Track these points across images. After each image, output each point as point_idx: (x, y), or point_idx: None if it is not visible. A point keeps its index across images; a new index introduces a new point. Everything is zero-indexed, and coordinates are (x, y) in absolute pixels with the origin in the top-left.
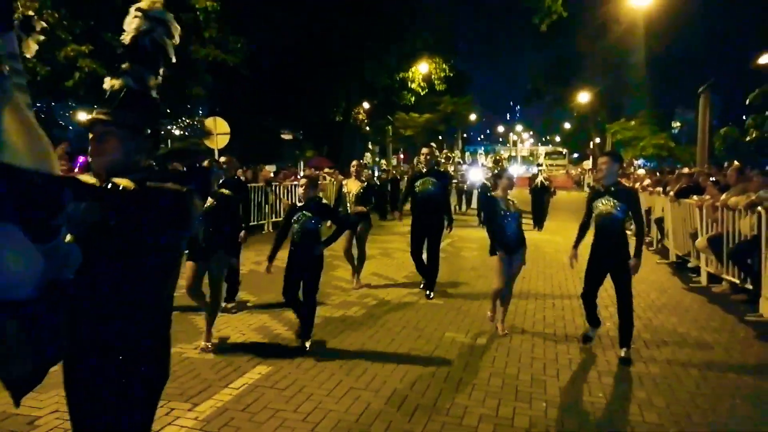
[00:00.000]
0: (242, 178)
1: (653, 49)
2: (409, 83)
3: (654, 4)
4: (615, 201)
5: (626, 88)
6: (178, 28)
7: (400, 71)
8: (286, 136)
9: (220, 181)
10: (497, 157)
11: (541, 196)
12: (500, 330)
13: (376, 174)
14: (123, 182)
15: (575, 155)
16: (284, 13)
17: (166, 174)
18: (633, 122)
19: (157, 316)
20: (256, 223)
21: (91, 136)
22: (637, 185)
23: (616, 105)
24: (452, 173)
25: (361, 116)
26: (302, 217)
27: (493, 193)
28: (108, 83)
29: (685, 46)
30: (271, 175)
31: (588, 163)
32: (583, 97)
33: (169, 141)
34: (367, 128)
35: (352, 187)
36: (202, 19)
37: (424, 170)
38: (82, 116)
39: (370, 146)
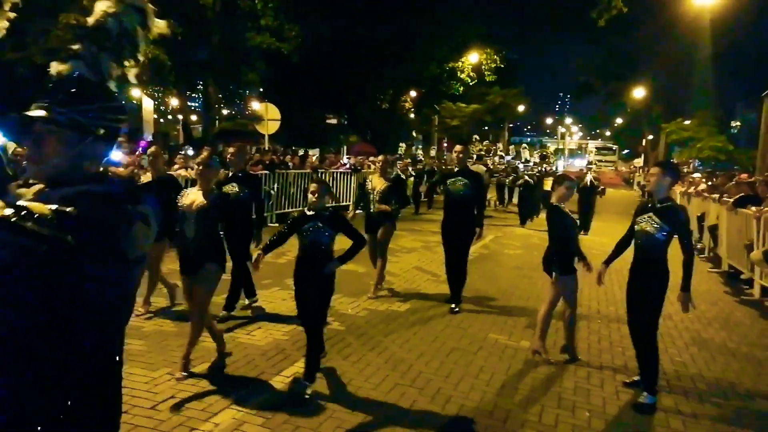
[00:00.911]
0: (290, 164)
1: (717, 44)
2: (458, 73)
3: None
4: (658, 221)
5: (685, 85)
6: (161, 25)
7: (449, 61)
8: (331, 121)
9: (229, 176)
10: (544, 152)
11: (590, 195)
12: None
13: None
14: (35, 207)
15: (626, 151)
16: (339, 1)
17: (117, 186)
18: (690, 122)
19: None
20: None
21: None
22: (691, 189)
23: (673, 102)
24: (493, 166)
25: (407, 105)
26: (314, 228)
27: (555, 202)
28: (54, 68)
29: (752, 41)
30: (315, 160)
31: (639, 161)
32: (638, 93)
33: (217, 121)
34: (413, 116)
35: (377, 184)
36: (259, 8)
37: (456, 169)
38: (135, 93)
39: (414, 134)
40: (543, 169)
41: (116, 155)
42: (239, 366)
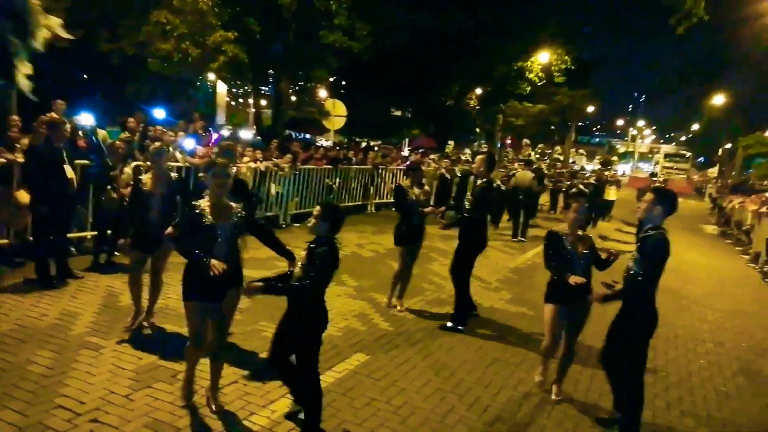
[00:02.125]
0: (353, 159)
1: None
2: (527, 73)
3: None
4: (637, 254)
5: None
6: (54, 23)
7: (518, 60)
8: (395, 113)
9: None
10: (605, 158)
11: None
12: (554, 394)
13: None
14: None
15: (700, 159)
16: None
17: None
18: None
19: None
20: (360, 202)
21: None
22: (764, 209)
23: (755, 113)
24: (550, 171)
25: (472, 102)
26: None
27: (559, 230)
28: None
29: None
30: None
31: (713, 171)
32: (718, 100)
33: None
34: (477, 114)
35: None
36: (334, 9)
37: (478, 181)
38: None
39: (477, 131)
40: (605, 176)
41: (190, 144)
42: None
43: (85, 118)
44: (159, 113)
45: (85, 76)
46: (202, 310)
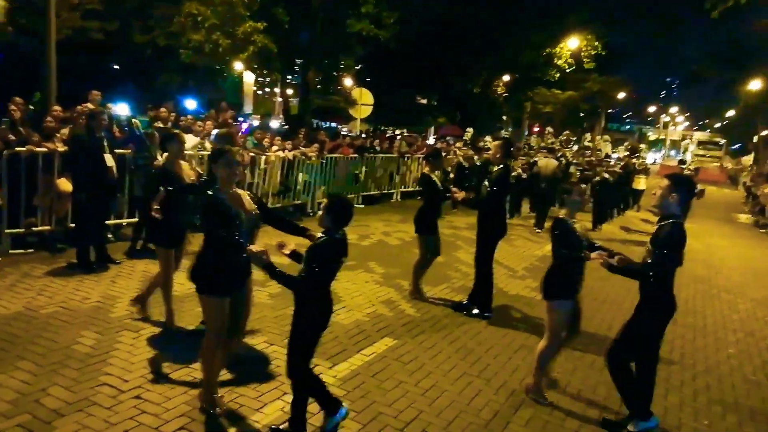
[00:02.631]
0: (377, 147)
1: None
2: (555, 59)
3: None
4: (650, 244)
5: None
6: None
7: (547, 47)
8: (421, 101)
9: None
10: (633, 145)
11: None
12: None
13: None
14: None
15: (735, 147)
16: None
17: None
18: None
19: None
20: (386, 191)
21: None
22: None
23: None
24: (577, 159)
25: (500, 89)
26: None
27: (562, 215)
28: None
29: None
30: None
31: (748, 159)
32: (755, 85)
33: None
34: (504, 101)
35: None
36: None
37: (495, 168)
38: (238, 67)
39: (504, 118)
40: (632, 165)
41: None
42: (325, 341)
43: (121, 108)
44: (190, 104)
45: (116, 66)
46: (227, 304)
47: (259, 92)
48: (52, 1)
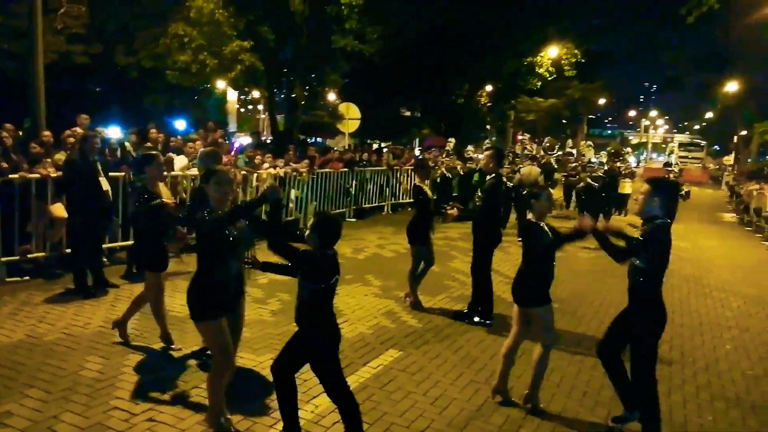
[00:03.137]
0: (364, 161)
1: None
2: (537, 68)
3: None
4: (638, 246)
5: None
6: None
7: (528, 56)
8: (405, 113)
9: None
10: (614, 149)
11: None
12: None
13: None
14: None
15: (715, 147)
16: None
17: None
18: None
19: None
20: (376, 204)
21: None
22: None
23: None
24: (558, 166)
25: (483, 99)
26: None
27: (534, 218)
28: None
29: None
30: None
31: (729, 159)
32: (731, 87)
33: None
34: (488, 111)
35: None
36: (345, 13)
37: (488, 177)
38: (220, 85)
39: (488, 128)
40: (617, 169)
41: None
42: None
43: (113, 131)
44: (180, 124)
45: (97, 89)
46: (224, 325)
47: (242, 110)
48: (39, 25)
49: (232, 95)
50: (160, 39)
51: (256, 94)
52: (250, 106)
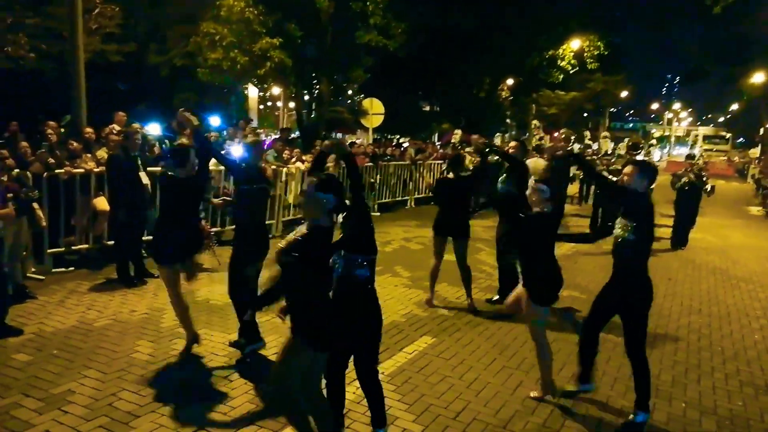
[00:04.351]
0: (388, 156)
1: None
2: (559, 61)
3: None
4: (626, 220)
5: None
6: None
7: (549, 49)
8: (425, 108)
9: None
10: (633, 141)
11: (690, 199)
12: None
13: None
14: None
15: (741, 140)
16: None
17: None
18: None
19: None
20: (400, 198)
21: None
22: None
23: None
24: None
25: (504, 93)
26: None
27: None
28: None
29: None
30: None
31: (755, 151)
32: (758, 78)
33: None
34: (510, 105)
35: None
36: (370, 10)
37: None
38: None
39: (508, 122)
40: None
41: (237, 150)
42: None
43: (153, 128)
44: (214, 120)
45: (123, 87)
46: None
47: (261, 106)
48: (80, 26)
49: (253, 92)
50: (191, 37)
51: (275, 90)
52: (269, 103)
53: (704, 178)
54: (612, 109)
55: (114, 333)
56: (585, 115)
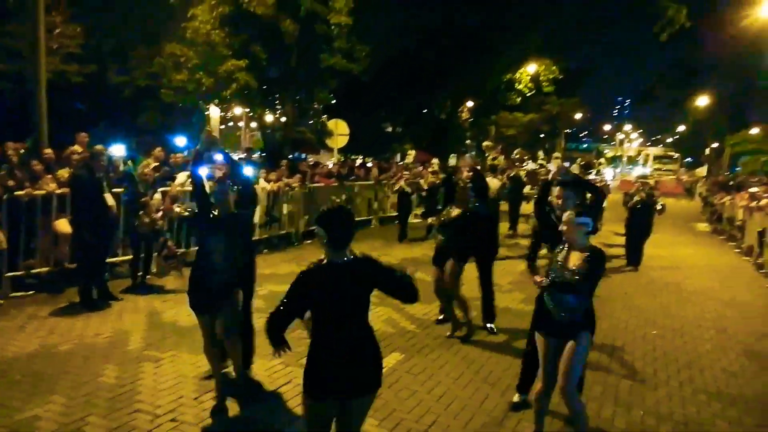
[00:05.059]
0: (353, 176)
1: None
2: (516, 84)
3: None
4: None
5: (751, 95)
6: None
7: (507, 72)
8: (387, 129)
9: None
10: (585, 161)
11: (643, 217)
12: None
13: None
14: None
15: (688, 159)
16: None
17: None
18: (756, 131)
19: None
20: (365, 217)
21: None
22: (753, 203)
23: (738, 112)
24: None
25: (464, 115)
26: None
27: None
28: None
29: None
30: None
31: (702, 170)
32: (702, 101)
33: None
34: (469, 126)
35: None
36: (335, 34)
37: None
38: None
39: (468, 142)
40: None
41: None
42: None
43: (117, 149)
44: (180, 141)
45: (79, 107)
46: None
47: (222, 127)
48: (42, 46)
49: (215, 112)
50: (155, 58)
51: (237, 110)
52: (230, 123)
53: (654, 197)
54: (567, 131)
55: (78, 357)
56: (542, 136)
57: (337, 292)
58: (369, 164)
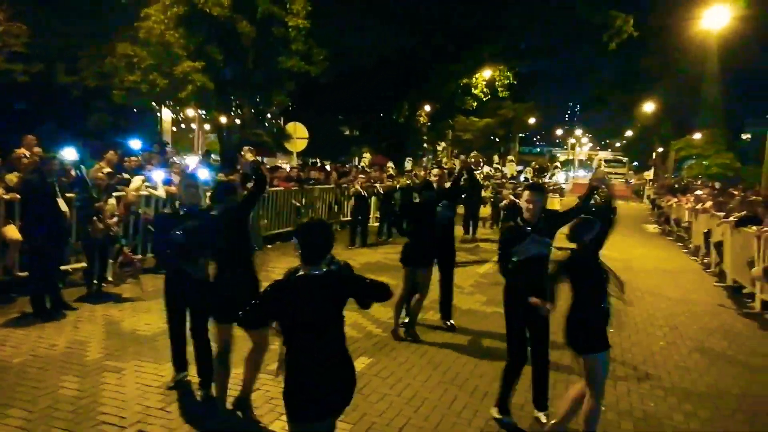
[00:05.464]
0: (312, 180)
1: (726, 64)
2: (472, 89)
3: (728, 24)
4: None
5: (694, 102)
6: None
7: (464, 77)
8: (345, 132)
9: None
10: (539, 165)
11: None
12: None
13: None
14: None
15: (635, 163)
16: (365, 28)
17: None
18: (699, 136)
19: None
20: (325, 219)
21: None
22: (698, 206)
23: (683, 118)
24: (488, 182)
25: (422, 119)
26: None
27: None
28: None
29: (760, 61)
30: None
31: (649, 174)
32: (649, 107)
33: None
34: (427, 130)
35: None
36: (292, 36)
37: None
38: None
39: (425, 146)
40: (543, 184)
41: (160, 175)
42: None
43: (69, 153)
44: (135, 144)
45: (21, 107)
46: None
47: (174, 129)
48: None
49: (167, 114)
50: (106, 58)
51: (190, 112)
52: (182, 125)
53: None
54: (521, 135)
55: (34, 369)
56: (497, 140)
57: (312, 303)
58: (327, 167)
